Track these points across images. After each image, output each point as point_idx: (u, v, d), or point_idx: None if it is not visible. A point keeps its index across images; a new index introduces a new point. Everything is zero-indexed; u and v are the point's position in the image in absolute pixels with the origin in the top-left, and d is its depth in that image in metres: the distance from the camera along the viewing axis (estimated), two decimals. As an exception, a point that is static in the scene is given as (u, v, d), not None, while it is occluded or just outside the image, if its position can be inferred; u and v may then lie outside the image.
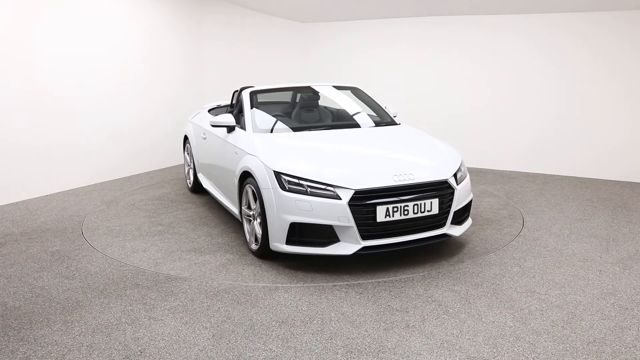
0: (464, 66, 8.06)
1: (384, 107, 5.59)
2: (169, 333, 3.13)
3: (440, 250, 4.45)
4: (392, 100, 7.28)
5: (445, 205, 4.08)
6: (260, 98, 5.45)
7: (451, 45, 8.11)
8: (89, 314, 3.39)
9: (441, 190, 4.06)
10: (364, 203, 3.81)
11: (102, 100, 7.22)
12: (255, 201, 4.26)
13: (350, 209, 3.78)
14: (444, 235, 4.17)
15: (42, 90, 6.43)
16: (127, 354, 2.91)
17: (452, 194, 4.12)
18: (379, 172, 3.98)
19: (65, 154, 6.78)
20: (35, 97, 6.34)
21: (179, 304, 3.51)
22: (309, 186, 3.87)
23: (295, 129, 4.93)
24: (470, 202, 4.52)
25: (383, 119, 5.39)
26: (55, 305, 3.53)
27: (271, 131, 4.85)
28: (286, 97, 6.01)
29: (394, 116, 5.52)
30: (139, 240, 4.88)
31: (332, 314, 3.34)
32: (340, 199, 3.80)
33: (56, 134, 6.64)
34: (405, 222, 3.92)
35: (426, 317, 3.29)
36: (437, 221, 4.07)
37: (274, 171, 4.00)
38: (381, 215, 3.82)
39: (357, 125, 5.16)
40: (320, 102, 5.61)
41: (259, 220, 4.22)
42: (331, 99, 5.77)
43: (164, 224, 5.36)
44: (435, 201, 3.99)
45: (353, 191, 3.81)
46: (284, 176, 3.95)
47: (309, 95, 5.63)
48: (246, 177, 4.42)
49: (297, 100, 5.75)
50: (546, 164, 7.56)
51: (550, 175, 7.40)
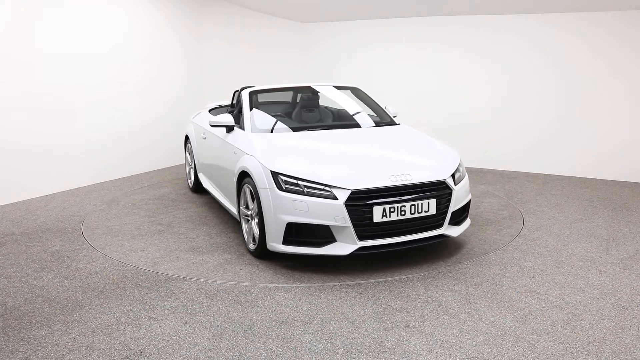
0: (464, 66, 8.06)
1: (383, 107, 5.59)
2: (169, 333, 3.13)
3: (441, 251, 4.45)
4: (392, 100, 7.28)
5: (443, 206, 4.06)
6: (261, 98, 5.45)
7: (451, 45, 8.11)
8: (89, 314, 3.39)
9: (439, 190, 4.04)
10: (360, 203, 3.80)
11: (102, 100, 7.22)
12: (253, 201, 4.26)
13: (347, 209, 3.78)
14: (441, 236, 4.15)
15: (42, 90, 6.43)
16: (127, 354, 2.91)
17: (450, 194, 4.11)
18: (376, 172, 3.97)
19: (65, 154, 6.78)
20: (35, 97, 6.34)
21: (179, 304, 3.51)
22: (305, 186, 3.87)
23: (294, 129, 4.92)
24: (469, 202, 4.50)
25: (382, 119, 5.39)
26: (55, 305, 3.53)
27: (270, 131, 4.85)
28: (287, 97, 6.02)
29: (394, 116, 5.52)
30: (138, 240, 4.88)
31: (332, 314, 3.34)
32: (336, 199, 3.79)
33: (56, 134, 6.64)
34: (402, 223, 3.91)
35: (426, 317, 3.29)
36: (434, 222, 4.06)
37: (271, 171, 4.00)
38: (378, 215, 3.82)
39: (356, 125, 5.15)
40: (321, 102, 5.61)
41: (256, 220, 4.22)
42: (331, 99, 5.77)
43: (164, 224, 5.36)
44: (433, 201, 3.98)
45: (350, 191, 3.80)
46: (280, 176, 3.95)
47: (308, 95, 5.62)
48: (244, 177, 4.42)
49: (297, 101, 5.75)
50: (546, 164, 7.56)
51: (550, 175, 7.40)
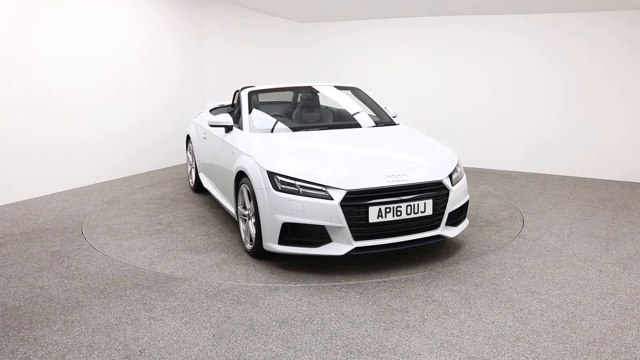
0: (464, 66, 8.06)
1: (383, 108, 5.58)
2: (169, 333, 3.13)
3: (441, 251, 4.45)
4: (392, 100, 7.28)
5: (439, 207, 4.04)
6: (262, 98, 5.45)
7: (451, 45, 8.11)
8: (89, 314, 3.39)
9: (435, 191, 4.02)
10: (356, 204, 3.79)
11: (102, 100, 7.22)
12: (250, 201, 4.26)
13: (342, 209, 3.77)
14: (438, 237, 4.13)
15: (42, 90, 6.43)
16: (127, 354, 2.91)
17: (447, 195, 4.09)
18: (372, 173, 3.95)
19: (65, 154, 6.78)
20: (35, 97, 6.34)
21: (179, 304, 3.51)
22: (301, 186, 3.86)
23: (293, 129, 4.92)
24: (467, 203, 4.48)
25: (382, 119, 5.38)
26: (55, 305, 3.53)
27: (269, 131, 4.85)
28: (288, 97, 6.02)
29: (394, 116, 5.51)
30: (136, 239, 4.88)
31: (332, 314, 3.34)
32: (332, 199, 3.78)
33: (56, 134, 6.64)
34: (398, 223, 3.89)
35: (426, 317, 3.29)
36: (431, 222, 4.04)
37: (267, 171, 4.00)
38: (373, 215, 3.81)
39: (355, 126, 5.15)
40: (321, 102, 5.61)
41: (253, 220, 4.21)
42: (331, 99, 5.76)
43: (163, 223, 5.36)
44: (429, 202, 3.96)
45: (345, 191, 3.79)
46: (277, 176, 3.94)
47: (308, 96, 5.62)
48: (242, 177, 4.42)
49: (298, 101, 5.74)
50: (546, 164, 7.56)
51: (550, 175, 7.40)
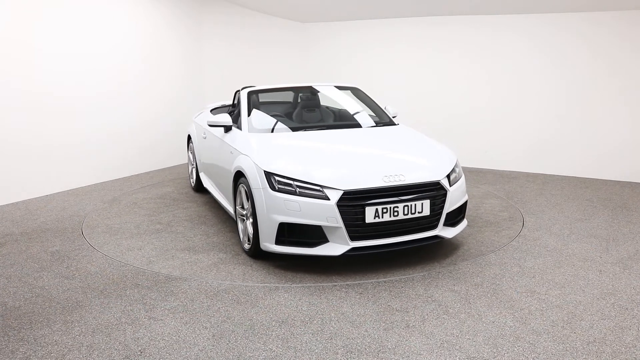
0: (464, 66, 8.05)
1: (383, 108, 5.58)
2: (169, 333, 3.13)
3: (441, 251, 4.45)
4: (392, 100, 7.28)
5: (437, 207, 4.03)
6: (262, 98, 5.44)
7: (451, 45, 8.11)
8: (89, 314, 3.39)
9: (433, 191, 4.01)
10: (352, 204, 3.79)
11: (102, 100, 7.22)
12: (248, 201, 4.26)
13: (339, 209, 3.76)
14: (436, 237, 4.11)
15: (42, 90, 6.43)
16: (127, 354, 2.91)
17: (445, 195, 4.07)
18: (370, 173, 3.94)
19: (65, 154, 6.78)
20: (35, 97, 6.34)
21: (179, 304, 3.51)
22: (298, 186, 3.86)
23: (293, 129, 4.92)
24: (466, 203, 4.47)
25: (381, 119, 5.38)
26: (55, 305, 3.53)
27: (267, 131, 4.84)
28: (289, 97, 6.01)
29: (394, 116, 5.51)
30: (135, 239, 4.89)
31: (332, 314, 3.34)
32: (328, 199, 3.78)
33: (56, 134, 6.64)
34: (395, 224, 3.88)
35: (426, 317, 3.29)
36: (428, 223, 4.02)
37: (265, 171, 4.00)
38: (370, 216, 3.80)
39: (355, 126, 5.14)
40: (321, 102, 5.61)
41: (251, 220, 4.21)
42: (331, 98, 5.76)
43: (163, 223, 5.36)
44: (427, 202, 3.95)
45: (342, 192, 3.79)
46: (274, 176, 3.94)
47: (307, 96, 5.62)
48: (240, 176, 4.42)
49: (298, 101, 5.74)
50: (546, 164, 7.56)
51: (550, 175, 7.40)
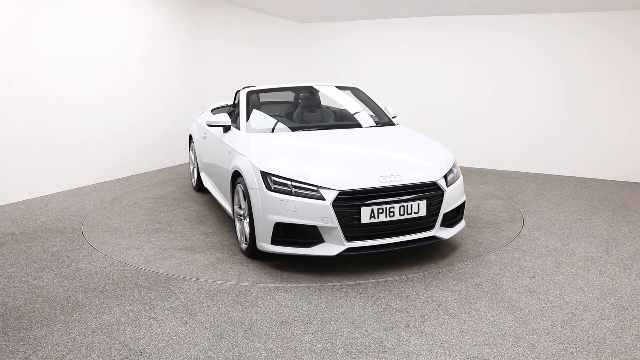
0: (464, 66, 8.05)
1: (383, 108, 5.57)
2: (169, 333, 3.13)
3: (440, 252, 4.45)
4: (392, 100, 7.28)
5: (434, 207, 4.01)
6: (263, 98, 5.44)
7: (451, 45, 8.11)
8: (89, 314, 3.39)
9: (430, 192, 3.99)
10: (348, 204, 3.78)
11: (102, 100, 7.22)
12: (245, 201, 4.26)
13: (334, 209, 3.76)
14: (433, 238, 4.09)
15: (42, 90, 6.43)
16: (127, 354, 2.91)
17: (442, 195, 4.05)
18: (366, 173, 3.93)
19: (65, 154, 6.78)
20: (35, 97, 6.34)
21: (179, 304, 3.51)
22: (294, 186, 3.86)
23: (292, 129, 4.92)
24: (463, 204, 4.45)
25: (381, 120, 5.38)
26: (55, 305, 3.53)
27: (269, 131, 4.85)
28: (290, 97, 6.01)
29: (394, 117, 5.51)
30: (134, 238, 4.89)
31: (332, 314, 3.34)
32: (324, 199, 3.78)
33: (56, 134, 6.64)
34: (391, 224, 3.87)
35: (426, 317, 3.29)
36: (425, 223, 4.01)
37: (261, 171, 4.00)
38: (366, 216, 3.79)
39: (354, 126, 5.14)
40: (322, 102, 5.61)
41: (248, 219, 4.22)
42: (330, 98, 5.76)
43: (162, 222, 5.37)
44: (423, 203, 3.93)
45: (337, 192, 3.78)
46: (270, 176, 3.94)
47: (307, 96, 5.62)
48: (237, 176, 4.42)
49: (299, 101, 5.75)
50: (546, 164, 7.56)
51: (550, 175, 7.40)
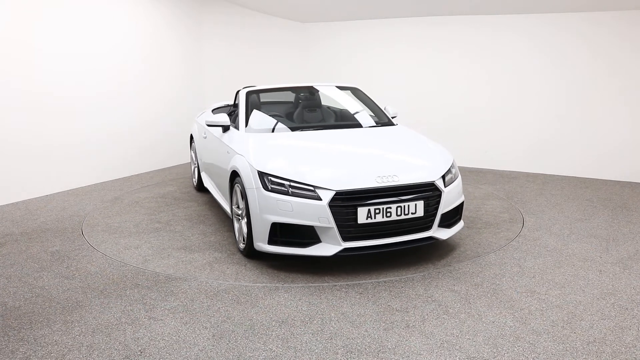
0: (464, 66, 8.06)
1: (383, 108, 5.57)
2: (169, 333, 3.13)
3: (440, 252, 4.45)
4: (392, 100, 7.28)
5: (431, 208, 4.00)
6: (264, 98, 5.44)
7: (451, 45, 8.11)
8: (89, 314, 3.39)
9: (427, 192, 3.98)
10: (344, 204, 3.78)
11: (102, 100, 7.22)
12: (243, 200, 4.26)
13: (331, 210, 3.75)
14: (430, 238, 4.08)
15: (42, 90, 6.43)
16: (127, 354, 2.91)
17: (439, 196, 4.04)
18: (363, 174, 3.93)
19: (65, 154, 6.78)
20: (35, 97, 6.34)
21: (179, 304, 3.51)
22: (290, 186, 3.86)
23: (292, 129, 4.92)
24: (462, 204, 4.43)
25: (380, 120, 5.37)
26: (55, 305, 3.53)
27: (269, 131, 4.85)
28: (290, 97, 6.01)
29: (393, 117, 5.50)
30: (134, 237, 4.90)
31: (332, 314, 3.34)
32: (320, 199, 3.77)
33: (56, 134, 6.64)
34: (388, 224, 3.86)
35: (426, 317, 3.29)
36: (423, 224, 4.00)
37: (258, 171, 4.00)
38: (362, 216, 3.79)
39: (353, 126, 5.14)
40: (322, 102, 5.61)
41: (245, 219, 4.22)
42: (330, 98, 5.76)
43: (162, 222, 5.37)
44: (420, 203, 3.92)
45: (334, 192, 3.78)
46: (267, 176, 3.94)
47: (307, 96, 5.62)
48: (235, 176, 4.42)
49: (300, 101, 5.74)
50: (546, 164, 7.56)
51: (550, 175, 7.40)
